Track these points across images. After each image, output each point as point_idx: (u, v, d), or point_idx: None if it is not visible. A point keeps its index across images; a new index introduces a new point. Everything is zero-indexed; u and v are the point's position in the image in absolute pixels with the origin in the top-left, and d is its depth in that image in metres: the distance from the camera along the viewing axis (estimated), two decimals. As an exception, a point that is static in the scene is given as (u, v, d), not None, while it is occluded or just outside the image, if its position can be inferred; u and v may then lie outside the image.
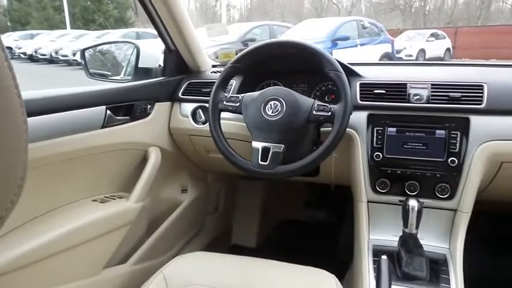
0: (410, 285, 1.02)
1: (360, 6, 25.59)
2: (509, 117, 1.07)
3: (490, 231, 1.74)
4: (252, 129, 1.08)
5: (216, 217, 1.85)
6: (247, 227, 1.98)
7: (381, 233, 1.18)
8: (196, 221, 1.69)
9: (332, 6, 24.67)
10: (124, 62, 1.58)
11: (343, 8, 24.41)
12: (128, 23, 23.10)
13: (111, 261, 1.17)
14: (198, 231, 1.73)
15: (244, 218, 2.00)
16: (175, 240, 1.55)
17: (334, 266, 1.08)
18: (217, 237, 1.86)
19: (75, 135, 1.05)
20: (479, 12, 21.91)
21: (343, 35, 7.77)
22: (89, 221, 1.06)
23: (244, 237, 1.97)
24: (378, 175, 1.15)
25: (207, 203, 1.77)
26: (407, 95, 1.13)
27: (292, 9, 25.38)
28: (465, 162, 1.07)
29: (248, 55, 1.15)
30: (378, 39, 8.93)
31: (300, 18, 16.71)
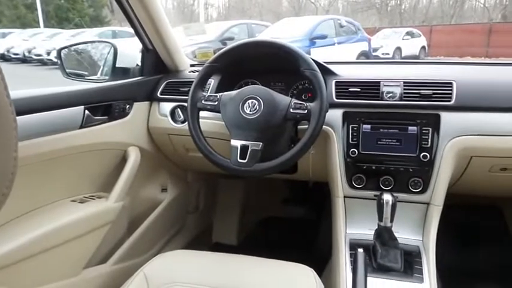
0: (386, 276, 1.05)
1: (337, 5, 25.90)
2: (477, 113, 1.11)
3: (461, 223, 1.81)
4: (230, 127, 1.10)
5: (196, 216, 1.85)
6: (227, 225, 1.99)
7: (358, 227, 1.22)
8: (176, 220, 1.70)
9: (310, 4, 24.88)
10: (101, 62, 1.57)
11: (321, 7, 24.64)
12: (104, 21, 22.66)
13: (91, 261, 1.17)
14: (179, 230, 1.74)
15: (224, 216, 2.01)
16: (156, 239, 1.55)
17: (314, 261, 1.10)
18: (198, 236, 1.87)
19: (54, 135, 1.04)
20: (452, 10, 22.50)
21: (320, 34, 7.87)
22: (68, 221, 1.05)
23: (225, 235, 1.99)
24: (354, 171, 1.19)
25: (188, 202, 1.78)
26: (380, 92, 1.17)
27: (270, 7, 25.45)
28: (436, 157, 1.12)
29: (226, 54, 1.16)
30: (355, 38, 9.07)
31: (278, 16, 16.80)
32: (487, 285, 0.88)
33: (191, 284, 0.93)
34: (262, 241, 2.01)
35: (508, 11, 19.91)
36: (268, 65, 1.29)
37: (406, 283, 1.04)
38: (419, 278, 1.05)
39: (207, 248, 1.90)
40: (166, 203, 1.57)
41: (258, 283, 0.94)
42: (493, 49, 14.10)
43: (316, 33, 7.86)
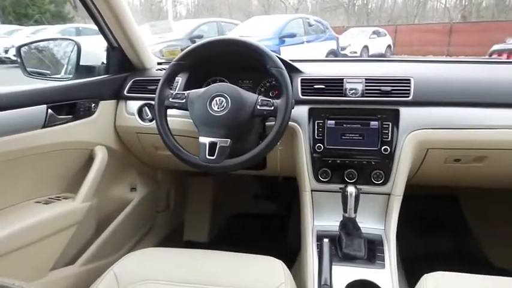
0: (350, 264, 1.10)
1: (307, 4, 26.19)
2: (433, 108, 1.18)
3: (421, 213, 1.90)
4: (198, 125, 1.11)
5: (167, 215, 1.85)
6: (199, 223, 2.00)
7: (324, 219, 1.26)
8: (146, 219, 1.69)
9: (279, 3, 25.02)
10: (64, 60, 1.53)
11: (290, 6, 24.85)
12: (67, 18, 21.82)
13: (58, 262, 1.15)
14: (149, 229, 1.73)
15: (195, 214, 2.01)
16: (126, 239, 1.54)
17: (285, 254, 1.13)
18: (169, 235, 1.86)
19: (15, 135, 1.01)
20: (416, 10, 23.28)
21: (290, 32, 7.94)
22: (32, 223, 1.03)
23: (196, 233, 1.99)
24: (320, 165, 1.23)
25: (158, 200, 1.77)
26: (344, 89, 1.21)
27: (240, 5, 25.42)
28: (396, 150, 1.17)
29: (193, 52, 1.17)
30: (324, 37, 9.21)
31: (247, 15, 16.82)
32: (445, 270, 0.94)
33: (163, 280, 0.93)
34: (233, 237, 2.03)
35: (467, 11, 20.82)
36: (236, 63, 1.31)
37: (369, 269, 1.09)
38: (381, 264, 1.10)
39: (178, 246, 1.89)
40: (136, 202, 1.56)
41: (228, 276, 0.96)
42: (453, 48, 14.71)
43: (285, 32, 7.92)
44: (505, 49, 5.44)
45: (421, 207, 1.85)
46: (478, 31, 14.08)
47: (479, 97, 1.18)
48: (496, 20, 17.09)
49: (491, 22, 16.50)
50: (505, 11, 19.26)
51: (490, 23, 15.85)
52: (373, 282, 1.06)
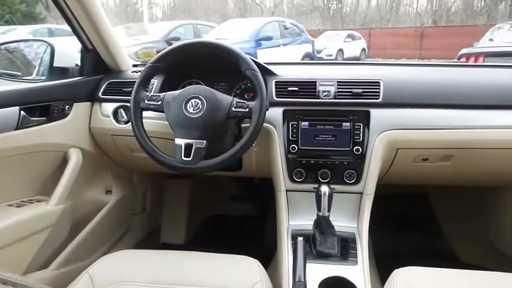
0: (324, 261, 1.13)
1: (283, 7, 26.36)
2: (402, 110, 1.23)
3: (393, 211, 1.97)
4: (174, 126, 1.11)
5: (143, 217, 1.84)
6: (175, 225, 1.99)
7: (299, 219, 1.29)
8: (122, 221, 1.68)
9: (255, 6, 25.11)
10: (36, 61, 1.51)
11: (266, 9, 24.98)
12: (38, 18, 21.20)
13: (31, 266, 1.13)
14: (125, 232, 1.71)
15: (172, 216, 2.01)
16: (101, 242, 1.52)
17: (261, 254, 1.15)
18: (146, 237, 1.85)
19: None
20: (389, 15, 23.83)
21: (266, 35, 7.98)
22: (3, 226, 1.02)
23: (173, 235, 1.99)
24: (294, 166, 1.26)
25: (134, 203, 1.76)
26: (317, 91, 1.25)
27: (216, 8, 25.36)
28: (367, 150, 1.22)
29: (168, 55, 1.17)
30: (300, 40, 9.30)
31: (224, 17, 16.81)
32: (415, 265, 0.98)
33: (139, 282, 0.93)
34: (210, 239, 2.03)
35: (438, 16, 21.48)
36: (211, 65, 1.32)
37: (342, 266, 1.12)
38: (354, 261, 1.14)
39: (154, 248, 1.88)
40: (111, 205, 1.54)
41: (204, 276, 0.97)
42: (425, 51, 15.14)
43: (261, 35, 7.96)
44: (473, 53, 5.63)
45: (393, 206, 1.92)
46: (447, 35, 14.55)
47: (446, 99, 1.24)
48: (464, 25, 17.69)
49: (460, 27, 17.07)
50: (472, 16, 19.99)
51: (458, 28, 16.40)
52: (346, 278, 1.09)
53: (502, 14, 17.93)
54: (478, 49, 5.97)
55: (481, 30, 8.58)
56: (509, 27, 6.74)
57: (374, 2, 24.96)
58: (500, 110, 1.23)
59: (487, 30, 7.09)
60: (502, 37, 6.49)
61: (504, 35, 6.55)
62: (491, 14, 18.84)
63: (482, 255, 1.73)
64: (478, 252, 1.77)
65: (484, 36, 6.79)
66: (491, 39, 6.56)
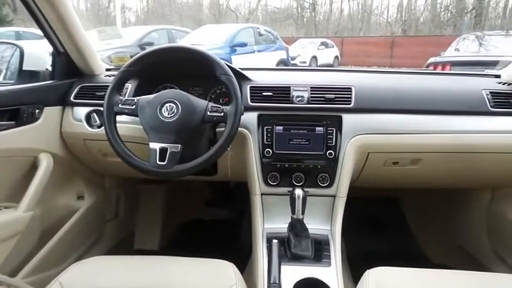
0: (298, 263, 1.15)
1: (257, 14, 26.57)
2: (372, 115, 1.28)
3: (366, 213, 2.02)
4: (148, 131, 1.11)
5: (116, 223, 1.80)
6: (150, 231, 1.97)
7: (274, 222, 1.31)
8: (94, 228, 1.64)
9: (230, 13, 25.20)
10: (3, 65, 1.47)
11: (241, 15, 25.11)
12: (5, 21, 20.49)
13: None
14: (98, 238, 1.68)
15: (146, 222, 1.98)
16: (72, 249, 1.49)
17: (237, 258, 1.16)
18: (119, 244, 1.82)
19: None
20: (361, 24, 24.45)
21: (241, 42, 8.01)
22: None
23: (147, 241, 1.96)
24: (269, 169, 1.28)
25: (106, 209, 1.72)
26: (291, 96, 1.28)
27: (191, 14, 25.26)
28: (340, 154, 1.25)
29: (142, 59, 1.17)
30: (274, 46, 9.39)
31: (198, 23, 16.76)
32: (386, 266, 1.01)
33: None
34: (185, 244, 2.02)
35: (407, 25, 22.20)
36: (186, 70, 1.32)
37: (316, 268, 1.15)
38: (327, 262, 1.16)
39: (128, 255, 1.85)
40: (83, 211, 1.51)
41: (178, 281, 0.96)
42: (395, 59, 15.58)
43: (236, 41, 7.98)
44: (440, 62, 5.86)
45: (365, 208, 1.96)
46: (416, 44, 15.03)
47: (415, 105, 1.29)
48: (432, 35, 18.37)
49: (428, 36, 17.69)
50: (440, 27, 20.79)
51: (427, 37, 16.97)
52: (319, 279, 1.11)
53: (467, 25, 18.74)
54: (445, 58, 6.22)
55: (448, 40, 8.93)
56: (473, 38, 7.06)
57: (346, 11, 25.60)
58: (465, 115, 1.29)
59: (453, 40, 7.39)
60: (467, 47, 6.79)
61: (469, 45, 6.86)
62: (457, 25, 19.66)
63: (450, 255, 1.80)
64: (445, 252, 1.84)
65: (451, 46, 7.08)
66: (457, 49, 6.85)
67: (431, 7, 22.34)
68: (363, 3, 24.96)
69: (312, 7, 25.19)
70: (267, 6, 26.40)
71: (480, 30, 13.91)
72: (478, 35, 7.14)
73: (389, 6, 24.56)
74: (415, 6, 23.20)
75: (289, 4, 26.10)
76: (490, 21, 20.08)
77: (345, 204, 1.30)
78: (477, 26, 18.25)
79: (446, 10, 21.78)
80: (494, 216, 1.60)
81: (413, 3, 23.08)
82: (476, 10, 19.80)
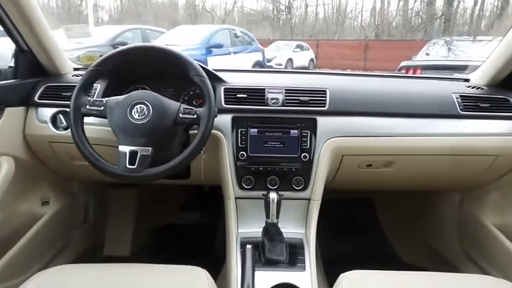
0: (272, 268, 1.13)
1: (233, 16, 26.55)
2: (347, 118, 1.28)
3: (341, 216, 2.03)
4: (118, 133, 1.07)
5: (85, 229, 1.73)
6: (120, 237, 1.91)
7: (248, 226, 1.29)
8: (60, 235, 1.57)
9: (206, 13, 25.05)
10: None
11: (217, 16, 25.03)
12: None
13: None
14: (64, 246, 1.61)
15: (117, 227, 1.92)
16: (36, 257, 1.41)
17: (211, 264, 1.13)
18: (87, 251, 1.75)
19: None
20: (335, 27, 24.86)
21: (217, 43, 7.97)
22: None
23: (118, 247, 1.90)
24: (243, 173, 1.26)
25: (74, 214, 1.66)
26: (265, 98, 1.26)
27: (166, 14, 24.94)
28: (315, 156, 1.24)
29: (112, 58, 1.13)
30: (250, 48, 9.39)
31: (174, 23, 16.55)
32: (361, 268, 1.02)
33: None
34: (157, 250, 1.97)
35: (380, 30, 22.74)
36: (158, 71, 1.29)
37: (290, 273, 1.13)
38: (301, 267, 1.15)
39: (96, 262, 1.79)
40: (48, 217, 1.44)
41: None
42: (369, 62, 15.90)
43: (212, 42, 7.93)
44: (411, 65, 6.03)
45: (340, 211, 1.97)
46: (389, 48, 15.40)
47: (388, 108, 1.30)
48: (403, 39, 18.87)
49: (400, 41, 18.17)
50: (411, 32, 21.37)
51: (399, 42, 17.46)
52: (294, 284, 1.10)
53: (437, 30, 19.37)
54: (416, 62, 6.40)
55: (419, 44, 9.20)
56: (443, 42, 7.31)
57: (321, 15, 25.97)
58: (437, 118, 1.31)
59: (423, 45, 7.62)
60: (437, 52, 7.02)
61: (439, 49, 7.09)
62: (427, 30, 20.29)
63: (422, 256, 1.83)
64: (417, 253, 1.87)
65: (421, 51, 7.30)
66: (427, 53, 7.07)
67: (403, 12, 22.99)
68: (337, 7, 25.43)
69: (287, 10, 25.42)
70: (243, 7, 26.45)
71: (449, 36, 14.40)
72: (447, 40, 7.41)
73: (363, 10, 25.18)
74: (388, 11, 23.83)
75: (265, 6, 26.28)
76: (458, 27, 20.84)
77: (320, 207, 1.29)
78: (446, 32, 18.88)
79: (417, 16, 22.45)
80: (464, 218, 1.64)
81: (386, 8, 23.71)
82: (445, 16, 20.50)
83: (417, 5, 22.60)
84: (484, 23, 21.30)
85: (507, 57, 1.33)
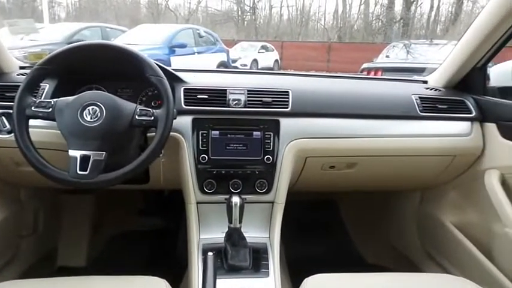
0: (235, 276, 1.10)
1: (197, 15, 26.30)
2: (310, 119, 1.26)
3: (306, 218, 2.02)
4: (68, 136, 1.00)
5: (34, 239, 1.62)
6: (75, 246, 1.80)
7: (211, 232, 1.25)
8: (7, 246, 1.45)
9: (169, 12, 24.66)
10: None
11: (181, 16, 24.69)
12: None
13: None
14: (12, 258, 1.49)
15: (71, 236, 1.81)
16: None
17: (173, 273, 1.08)
18: (38, 262, 1.63)
19: None
20: (299, 29, 25.22)
21: (180, 42, 7.84)
22: None
23: (72, 257, 1.79)
24: (205, 176, 1.21)
25: (22, 224, 1.54)
26: (227, 100, 1.22)
27: (128, 12, 24.30)
28: (278, 159, 1.22)
29: (60, 56, 1.05)
30: (214, 48, 9.32)
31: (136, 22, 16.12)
32: (326, 271, 1.01)
33: None
34: (115, 259, 1.87)
35: (342, 32, 23.32)
36: (114, 70, 1.22)
37: (254, 279, 1.10)
38: (265, 272, 1.13)
39: (48, 274, 1.67)
40: None
41: None
42: (332, 63, 16.25)
43: (175, 42, 7.80)
44: (372, 67, 6.21)
45: (304, 213, 1.97)
46: (351, 50, 15.80)
47: (351, 109, 1.30)
48: (365, 42, 19.45)
49: (361, 43, 18.70)
50: (372, 35, 22.07)
51: (360, 44, 17.96)
52: None
53: (396, 34, 20.11)
54: (377, 64, 6.60)
55: (379, 47, 9.50)
56: (402, 45, 7.59)
57: (286, 16, 26.29)
58: (398, 120, 1.32)
59: (384, 47, 7.88)
60: (397, 54, 7.29)
61: (398, 52, 7.37)
62: (387, 33, 21.03)
63: (385, 256, 1.86)
64: (381, 253, 1.89)
65: (382, 53, 7.54)
66: (387, 56, 7.32)
67: (364, 16, 23.70)
68: (301, 9, 25.83)
69: (252, 10, 25.53)
70: (207, 7, 26.29)
71: (407, 39, 15.00)
72: (406, 43, 7.70)
73: (326, 13, 25.70)
74: (350, 14, 24.48)
75: (229, 7, 26.24)
76: (415, 31, 21.78)
77: (284, 210, 1.27)
78: (405, 35, 19.67)
79: (377, 19, 23.21)
80: (424, 217, 1.67)
81: (348, 11, 24.35)
82: (403, 20, 21.34)
83: (377, 8, 23.42)
84: (440, 27, 22.43)
85: (462, 61, 1.37)
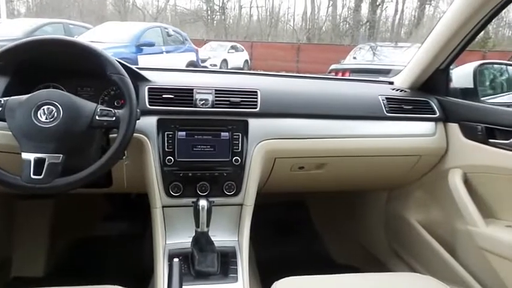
0: (202, 282, 1.07)
1: (166, 14, 25.92)
2: (278, 119, 1.25)
3: (275, 220, 2.01)
4: (20, 138, 0.93)
5: None
6: (32, 254, 1.70)
7: (177, 237, 1.21)
8: None
9: (137, 10, 24.18)
10: None
11: (149, 14, 24.24)
12: None
13: None
14: None
15: (27, 243, 1.71)
16: None
17: (138, 280, 1.03)
18: None
19: None
20: (269, 30, 25.36)
21: (148, 41, 7.68)
22: None
23: (29, 266, 1.68)
24: (171, 179, 1.17)
25: None
26: (194, 99, 1.18)
27: (93, 9, 23.55)
28: (247, 160, 1.19)
29: (11, 52, 0.98)
30: (183, 48, 9.19)
31: (101, 19, 15.65)
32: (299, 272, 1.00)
33: None
34: (76, 267, 1.77)
35: (311, 34, 23.67)
36: (73, 68, 1.16)
37: (222, 285, 1.07)
38: (234, 277, 1.10)
39: (2, 286, 1.57)
40: None
41: None
42: (301, 64, 16.45)
43: (143, 40, 7.64)
44: (340, 68, 6.34)
45: (274, 215, 1.95)
46: (320, 51, 16.07)
47: (319, 110, 1.29)
48: (332, 44, 19.83)
49: (329, 45, 19.05)
50: (339, 36, 22.52)
51: (328, 46, 18.30)
52: None
53: (363, 36, 20.61)
54: (345, 65, 6.74)
55: (347, 49, 9.70)
56: (368, 47, 7.79)
57: (255, 17, 26.37)
58: (365, 120, 1.33)
59: (351, 49, 8.05)
60: (363, 56, 7.47)
61: (365, 54, 7.55)
62: (354, 35, 21.52)
63: (354, 255, 1.87)
64: (350, 253, 1.91)
65: (349, 55, 7.71)
66: (354, 57, 7.49)
67: (332, 18, 24.17)
68: (270, 10, 25.98)
69: (221, 10, 25.44)
70: (176, 6, 25.96)
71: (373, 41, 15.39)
72: (372, 46, 7.91)
73: (295, 14, 26.01)
74: (318, 16, 24.89)
75: (199, 6, 26.04)
76: (381, 34, 22.42)
77: (253, 212, 1.25)
78: (371, 38, 20.18)
79: (344, 21, 23.72)
80: (390, 215, 1.70)
81: (316, 13, 24.73)
82: (370, 23, 21.93)
83: (345, 11, 23.91)
84: (404, 30, 23.22)
85: (426, 63, 1.40)
